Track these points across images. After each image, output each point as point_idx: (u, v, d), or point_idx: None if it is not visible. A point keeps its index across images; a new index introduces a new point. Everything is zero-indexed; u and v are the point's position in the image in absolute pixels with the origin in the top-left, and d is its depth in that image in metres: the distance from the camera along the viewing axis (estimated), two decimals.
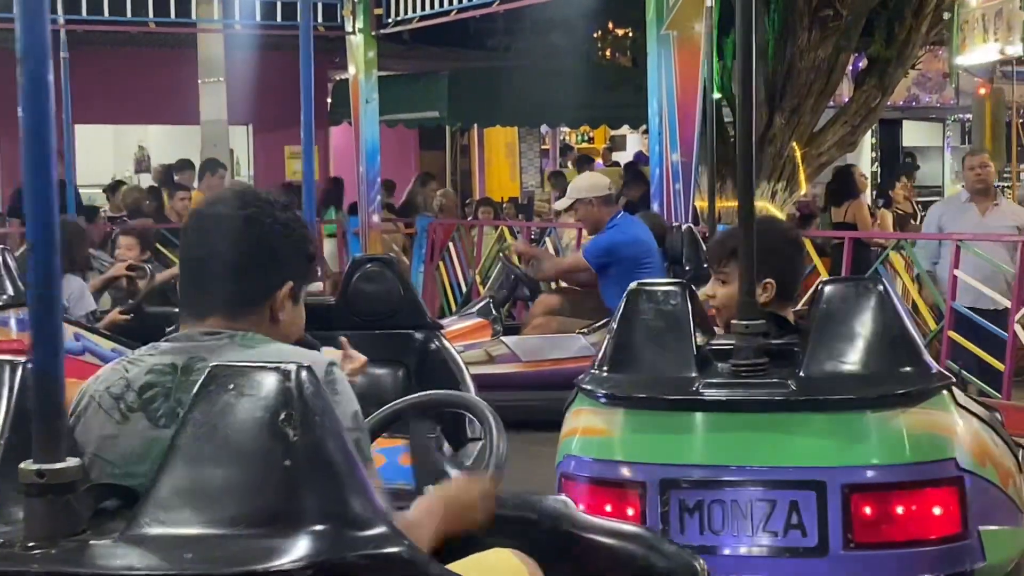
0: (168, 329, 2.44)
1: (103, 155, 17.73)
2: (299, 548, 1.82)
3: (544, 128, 20.42)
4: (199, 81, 13.95)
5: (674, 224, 8.47)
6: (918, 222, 12.77)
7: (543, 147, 21.63)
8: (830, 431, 3.43)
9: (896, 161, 20.41)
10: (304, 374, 1.92)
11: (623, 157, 19.96)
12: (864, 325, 3.52)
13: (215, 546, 1.82)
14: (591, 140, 22.48)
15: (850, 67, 13.05)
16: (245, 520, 1.85)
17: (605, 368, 3.67)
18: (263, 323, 2.30)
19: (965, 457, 3.46)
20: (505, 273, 8.91)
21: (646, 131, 17.73)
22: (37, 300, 1.84)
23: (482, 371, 7.90)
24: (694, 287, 3.80)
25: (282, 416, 1.88)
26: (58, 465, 1.85)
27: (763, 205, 11.31)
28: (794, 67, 11.30)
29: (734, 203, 11.34)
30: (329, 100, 17.76)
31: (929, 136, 22.56)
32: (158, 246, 10.13)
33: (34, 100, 1.82)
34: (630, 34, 13.73)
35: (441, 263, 11.90)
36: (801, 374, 3.46)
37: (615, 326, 3.72)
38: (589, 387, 3.66)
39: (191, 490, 1.88)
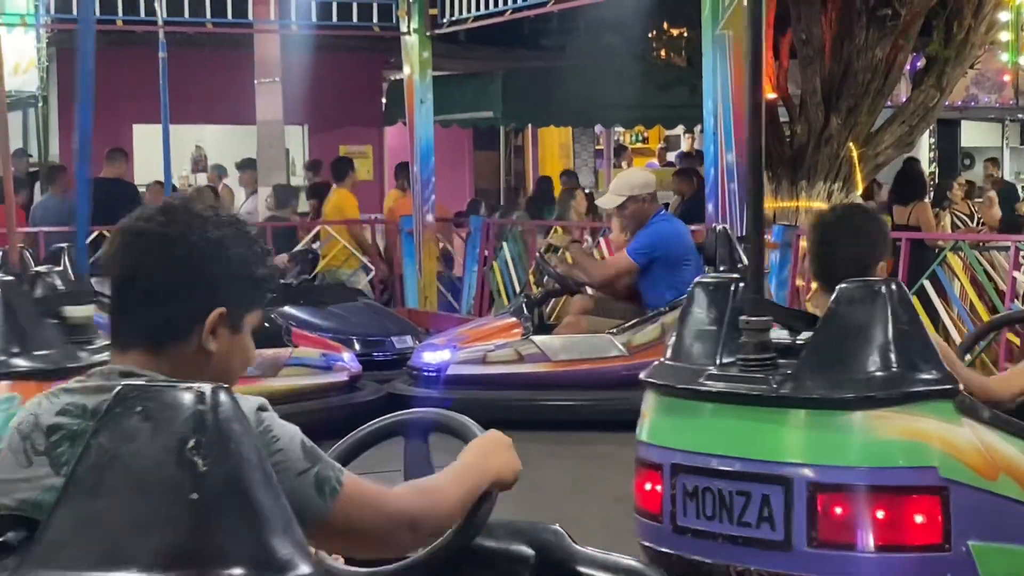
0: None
1: (160, 154, 17.90)
2: None
3: (598, 128, 20.37)
4: (255, 81, 14.04)
5: (712, 225, 8.47)
6: (975, 224, 12.65)
7: (597, 147, 21.60)
8: (803, 429, 3.50)
9: (955, 162, 20.24)
10: (222, 395, 1.72)
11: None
12: (869, 325, 3.47)
13: None
14: (646, 140, 22.41)
15: (908, 66, 12.93)
16: (148, 560, 1.64)
17: (665, 356, 3.87)
18: (188, 357, 2.02)
19: (956, 467, 3.38)
20: (541, 274, 8.93)
21: (694, 131, 17.73)
22: None
23: (512, 370, 7.97)
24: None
25: (191, 443, 1.67)
26: None
27: (819, 206, 11.23)
28: (851, 67, 11.21)
29: (789, 203, 11.28)
30: (384, 100, 17.83)
31: (988, 136, 22.34)
32: None
33: None
34: (685, 33, 13.69)
35: (495, 263, 11.91)
36: (792, 371, 3.50)
37: (680, 317, 3.89)
38: (644, 374, 3.88)
39: (90, 526, 1.68)
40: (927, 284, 8.29)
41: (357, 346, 8.75)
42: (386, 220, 13.62)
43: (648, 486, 3.72)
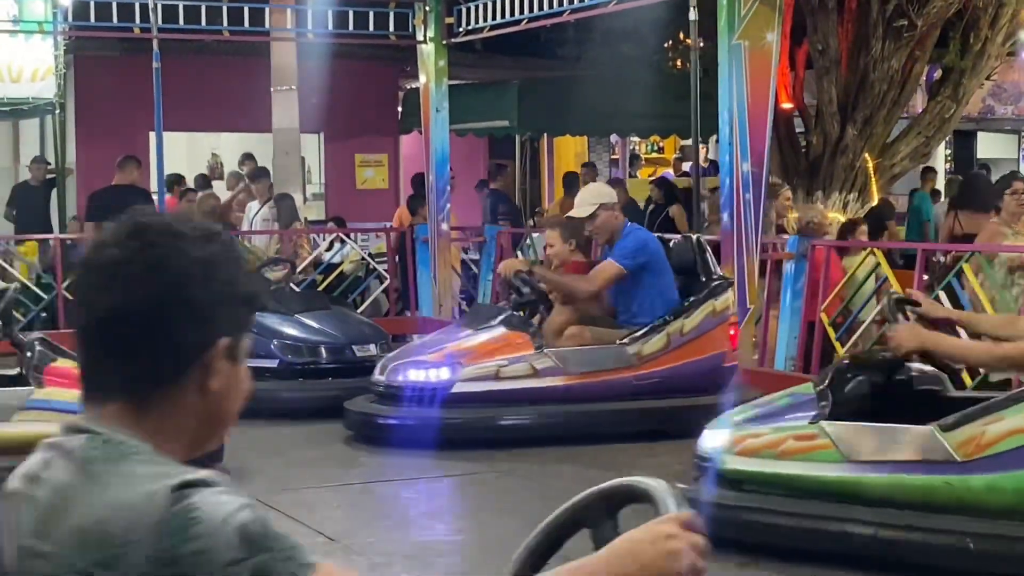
0: None
1: (177, 162, 17.97)
2: None
3: (614, 138, 20.38)
4: (272, 89, 14.08)
5: (685, 235, 8.56)
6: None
7: (613, 157, 21.60)
8: None
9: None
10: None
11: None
12: None
13: None
14: (661, 150, 22.42)
15: (924, 77, 12.92)
16: None
17: None
18: (181, 404, 1.66)
19: None
20: (510, 283, 8.44)
21: (709, 141, 17.75)
22: None
23: (528, 385, 7.75)
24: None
25: None
26: None
27: (834, 216, 11.23)
28: (867, 77, 11.21)
29: (804, 213, 11.26)
30: (400, 109, 17.86)
31: (1004, 148, 22.29)
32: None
33: None
34: (701, 44, 13.68)
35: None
36: None
37: None
38: None
39: None
40: (942, 294, 8.28)
41: (323, 353, 8.74)
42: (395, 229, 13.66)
43: None
